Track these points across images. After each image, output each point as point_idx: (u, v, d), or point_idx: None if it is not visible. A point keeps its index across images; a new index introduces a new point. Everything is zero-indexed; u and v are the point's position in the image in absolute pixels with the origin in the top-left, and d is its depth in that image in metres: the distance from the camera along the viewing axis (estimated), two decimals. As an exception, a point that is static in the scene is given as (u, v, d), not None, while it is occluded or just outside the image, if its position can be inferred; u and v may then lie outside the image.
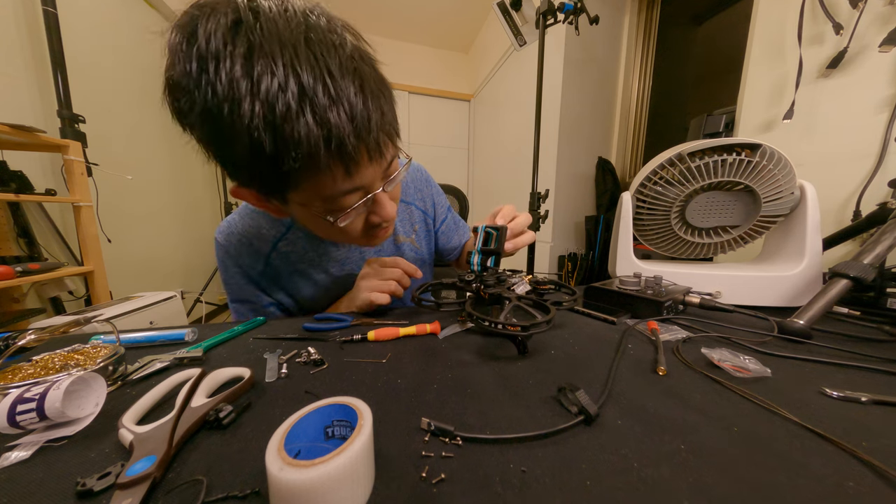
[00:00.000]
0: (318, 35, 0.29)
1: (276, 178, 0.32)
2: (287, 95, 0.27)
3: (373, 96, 0.32)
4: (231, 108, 0.27)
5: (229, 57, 0.26)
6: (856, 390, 0.30)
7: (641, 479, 0.20)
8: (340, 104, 0.29)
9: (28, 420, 0.24)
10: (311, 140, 0.29)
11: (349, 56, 0.30)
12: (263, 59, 0.26)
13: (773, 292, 0.58)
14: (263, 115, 0.27)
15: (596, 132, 2.18)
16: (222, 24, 0.27)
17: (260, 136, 0.28)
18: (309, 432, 0.21)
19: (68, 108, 1.39)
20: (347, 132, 0.30)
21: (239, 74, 0.26)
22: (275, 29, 0.27)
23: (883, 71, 0.82)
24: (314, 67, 0.28)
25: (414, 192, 0.70)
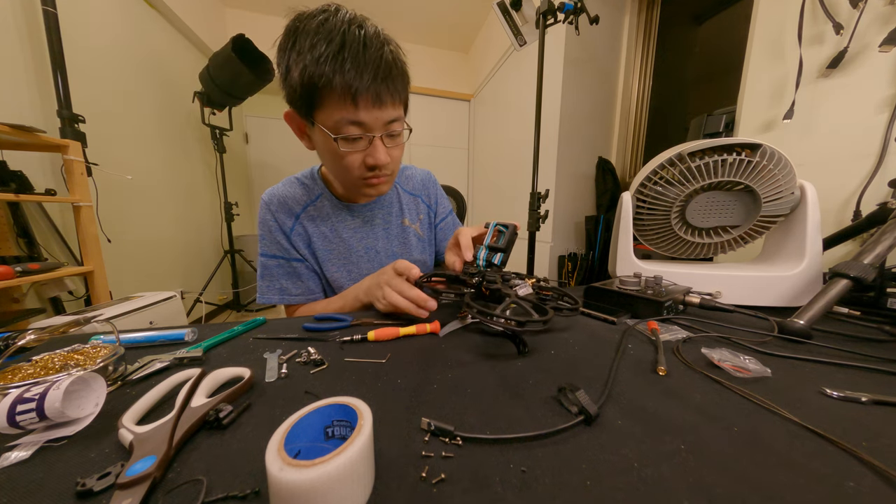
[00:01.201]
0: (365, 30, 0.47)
1: (310, 96, 0.48)
2: (329, 51, 0.45)
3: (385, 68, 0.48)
4: (301, 52, 0.46)
5: (308, 30, 0.46)
6: (856, 390, 0.30)
7: (641, 479, 0.20)
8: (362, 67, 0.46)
9: (28, 420, 0.24)
10: (333, 74, 0.45)
11: (380, 45, 0.48)
12: (323, 34, 0.45)
13: (773, 292, 0.58)
14: (314, 57, 0.45)
15: (596, 132, 2.18)
16: (314, 14, 0.47)
17: (308, 67, 0.46)
18: (309, 432, 0.21)
19: (68, 108, 1.39)
20: (356, 79, 0.46)
21: (310, 40, 0.46)
22: (338, 21, 0.46)
23: (883, 71, 0.82)
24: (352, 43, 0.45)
25: (422, 189, 0.82)
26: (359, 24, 0.47)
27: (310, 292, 0.68)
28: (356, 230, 0.70)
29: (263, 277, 0.66)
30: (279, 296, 0.65)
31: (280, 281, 0.66)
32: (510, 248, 0.49)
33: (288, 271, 0.66)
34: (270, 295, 0.65)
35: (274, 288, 0.65)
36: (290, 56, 0.47)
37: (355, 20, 0.47)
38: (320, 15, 0.47)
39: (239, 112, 3.12)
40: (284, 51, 0.48)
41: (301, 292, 0.67)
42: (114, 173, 1.65)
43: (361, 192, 0.61)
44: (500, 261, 0.50)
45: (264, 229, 0.65)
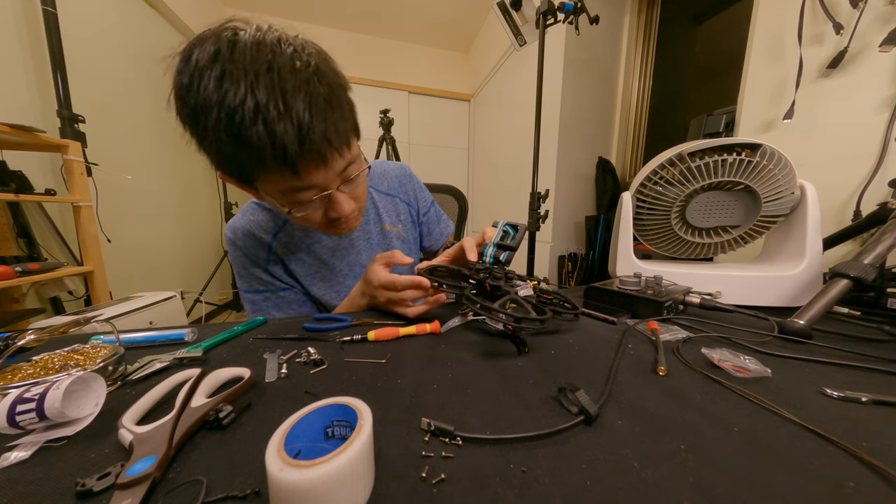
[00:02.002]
0: (280, 62, 0.36)
1: (240, 171, 0.41)
2: (243, 112, 0.34)
3: (321, 113, 0.38)
4: (206, 114, 0.35)
5: (207, 77, 0.34)
6: (856, 390, 0.30)
7: (641, 479, 0.20)
8: (288, 118, 0.36)
9: (28, 420, 0.24)
10: (260, 145, 0.36)
11: (305, 80, 0.37)
12: (229, 81, 0.34)
13: (773, 292, 0.58)
14: (226, 122, 0.35)
15: (596, 132, 2.18)
16: (207, 51, 0.35)
17: (222, 138, 0.36)
18: (309, 432, 0.21)
19: (68, 108, 1.39)
20: (291, 141, 0.36)
21: (211, 90, 0.34)
22: (242, 59, 0.35)
23: (883, 71, 0.82)
24: (270, 89, 0.35)
25: (398, 187, 0.77)
26: (270, 53, 0.36)
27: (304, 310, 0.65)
28: (335, 249, 0.65)
29: (254, 313, 0.62)
30: None
31: (271, 313, 0.62)
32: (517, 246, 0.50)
33: (277, 303, 0.62)
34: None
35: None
36: (191, 117, 0.37)
37: (263, 48, 0.36)
38: (217, 52, 0.34)
39: (239, 112, 3.11)
40: (181, 100, 0.37)
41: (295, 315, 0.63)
42: (114, 173, 1.65)
43: (329, 233, 0.58)
44: (505, 258, 0.50)
45: (239, 267, 0.61)
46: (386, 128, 2.49)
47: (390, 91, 3.40)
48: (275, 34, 0.38)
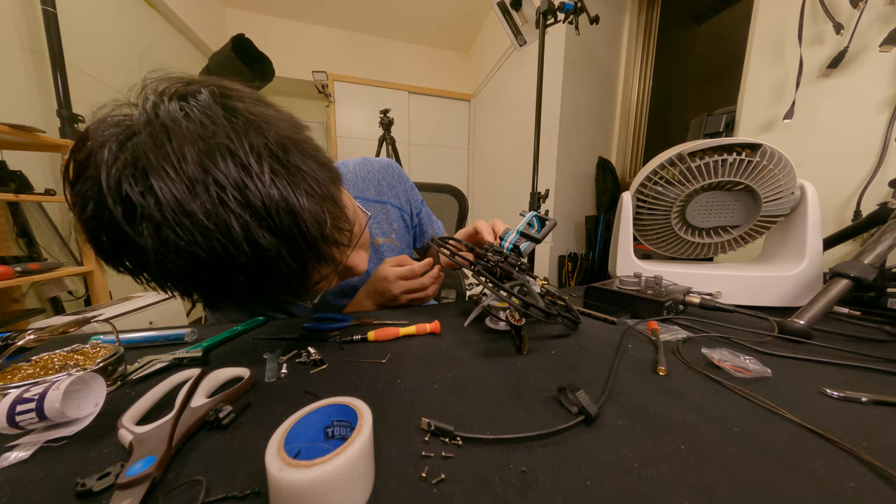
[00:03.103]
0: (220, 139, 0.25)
1: (241, 309, 0.35)
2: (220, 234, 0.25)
3: (309, 219, 0.28)
4: (163, 257, 0.25)
5: (146, 213, 0.24)
6: (856, 390, 0.30)
7: (641, 479, 0.20)
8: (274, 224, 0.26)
9: (27, 420, 0.24)
10: (251, 279, 0.28)
11: (274, 150, 0.27)
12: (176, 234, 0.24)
13: (773, 292, 0.58)
14: (190, 258, 0.25)
15: (596, 132, 2.19)
16: (113, 157, 0.24)
17: (194, 283, 0.29)
18: (309, 432, 0.21)
19: (68, 108, 1.39)
20: (291, 269, 0.28)
21: (152, 241, 0.24)
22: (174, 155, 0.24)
23: (883, 71, 0.82)
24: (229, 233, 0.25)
25: (387, 190, 0.68)
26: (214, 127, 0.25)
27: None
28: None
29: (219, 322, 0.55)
30: None
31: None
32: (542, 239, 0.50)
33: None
34: None
35: None
36: (139, 271, 0.28)
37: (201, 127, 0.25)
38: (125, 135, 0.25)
39: (239, 112, 3.11)
40: (115, 258, 0.28)
41: None
42: (114, 173, 1.65)
43: None
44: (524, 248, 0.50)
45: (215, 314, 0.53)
46: (386, 128, 2.49)
47: (390, 91, 3.40)
48: (177, 110, 0.26)
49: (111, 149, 0.24)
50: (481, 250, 0.51)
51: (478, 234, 0.55)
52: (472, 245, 0.54)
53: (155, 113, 0.25)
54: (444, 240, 0.54)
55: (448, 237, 0.56)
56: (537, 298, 0.40)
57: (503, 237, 0.52)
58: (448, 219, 1.20)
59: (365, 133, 3.22)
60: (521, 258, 0.50)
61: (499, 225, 0.55)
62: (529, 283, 0.45)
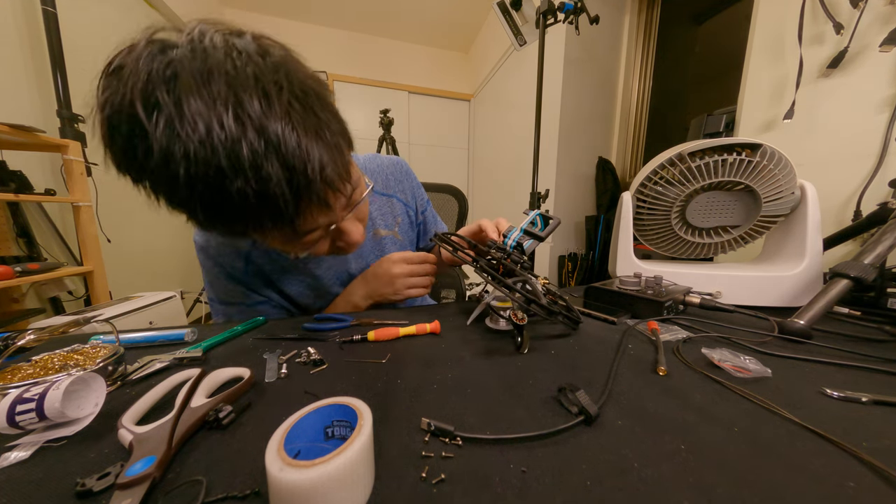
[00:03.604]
0: (242, 78, 0.27)
1: (225, 231, 0.34)
2: (215, 157, 0.26)
3: (314, 149, 0.30)
4: (162, 169, 0.26)
5: (152, 115, 0.25)
6: (856, 390, 0.30)
7: (641, 479, 0.20)
8: (276, 168, 0.28)
9: (27, 420, 0.24)
10: (244, 206, 0.29)
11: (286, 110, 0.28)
12: (184, 116, 0.25)
13: (773, 292, 0.58)
14: (189, 176, 0.26)
15: (596, 132, 2.18)
16: (138, 78, 0.26)
17: (192, 198, 0.28)
18: (309, 432, 0.21)
19: (68, 108, 1.39)
20: (285, 198, 0.29)
21: (163, 136, 0.25)
22: (194, 77, 0.26)
23: (883, 71, 0.82)
24: (239, 119, 0.26)
25: (395, 184, 0.69)
26: (234, 66, 0.27)
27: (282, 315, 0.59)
28: (321, 259, 0.58)
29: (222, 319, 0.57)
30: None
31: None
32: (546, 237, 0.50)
33: (250, 315, 0.53)
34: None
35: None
36: (135, 162, 0.28)
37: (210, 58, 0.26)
38: (154, 63, 0.26)
39: (239, 112, 3.11)
40: (118, 149, 0.28)
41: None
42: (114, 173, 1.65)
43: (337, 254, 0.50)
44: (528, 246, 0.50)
45: (210, 276, 0.54)
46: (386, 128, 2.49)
47: (390, 91, 3.41)
48: (221, 41, 0.27)
49: (152, 52, 0.26)
50: (484, 247, 0.51)
51: (481, 232, 0.56)
52: (475, 242, 0.55)
53: (200, 38, 0.27)
54: (446, 236, 0.54)
55: (451, 233, 0.56)
56: (539, 294, 0.40)
57: (506, 235, 0.52)
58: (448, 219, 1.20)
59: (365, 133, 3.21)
60: (524, 256, 0.50)
61: (503, 223, 0.55)
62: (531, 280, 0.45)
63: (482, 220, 0.56)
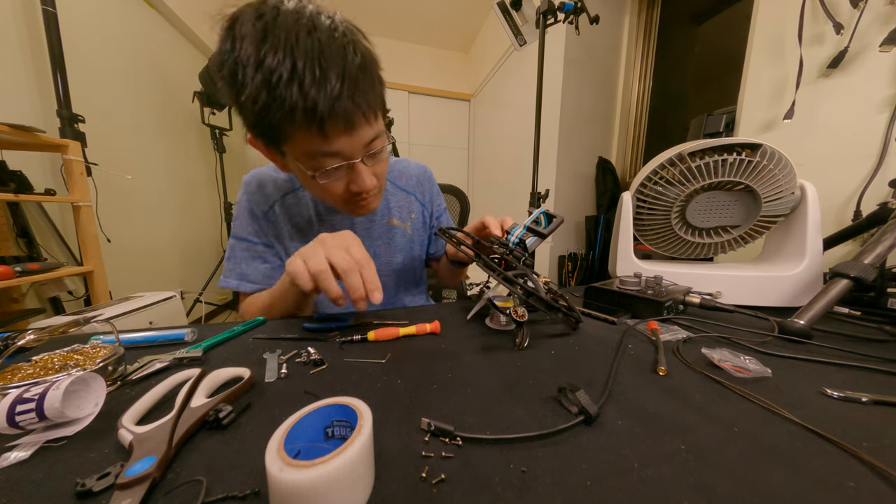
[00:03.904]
0: (319, 31, 0.38)
1: (271, 129, 0.42)
2: (281, 70, 0.37)
3: (352, 80, 0.40)
4: (244, 72, 0.38)
5: (248, 38, 0.37)
6: (856, 390, 0.30)
7: (641, 479, 0.20)
8: (322, 83, 0.38)
9: (27, 420, 0.24)
10: (292, 104, 0.38)
11: (341, 47, 0.39)
12: (270, 44, 0.37)
13: (773, 292, 0.58)
14: (262, 80, 0.37)
15: (596, 132, 2.19)
16: (249, 15, 0.38)
17: (259, 95, 0.38)
18: (309, 432, 0.21)
19: (68, 108, 1.39)
20: (322, 102, 0.38)
21: (251, 51, 0.37)
22: (284, 24, 0.37)
23: (883, 71, 0.82)
24: (307, 53, 0.37)
25: (416, 185, 0.76)
26: (310, 22, 0.38)
27: (268, 279, 0.61)
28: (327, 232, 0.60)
29: (229, 259, 0.62)
30: (237, 281, 0.60)
31: (241, 266, 0.61)
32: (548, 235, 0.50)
33: (252, 255, 0.61)
34: (230, 279, 0.61)
35: (234, 272, 0.61)
36: (232, 71, 0.39)
37: (302, 18, 0.38)
38: (260, 16, 0.38)
39: (239, 112, 3.11)
40: (222, 63, 0.39)
41: (258, 280, 0.61)
42: (113, 173, 1.65)
43: (348, 212, 0.57)
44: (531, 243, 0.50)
45: (239, 209, 0.63)
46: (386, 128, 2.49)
47: (390, 91, 3.36)
48: (314, 6, 0.41)
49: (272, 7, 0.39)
50: (487, 243, 0.52)
51: (485, 229, 0.57)
52: (479, 238, 0.56)
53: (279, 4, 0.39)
54: (450, 230, 0.55)
55: (455, 228, 0.56)
56: (540, 289, 0.40)
57: (510, 231, 0.52)
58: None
59: (365, 133, 3.21)
60: (527, 253, 0.50)
61: (507, 220, 0.57)
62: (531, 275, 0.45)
63: (486, 217, 0.57)
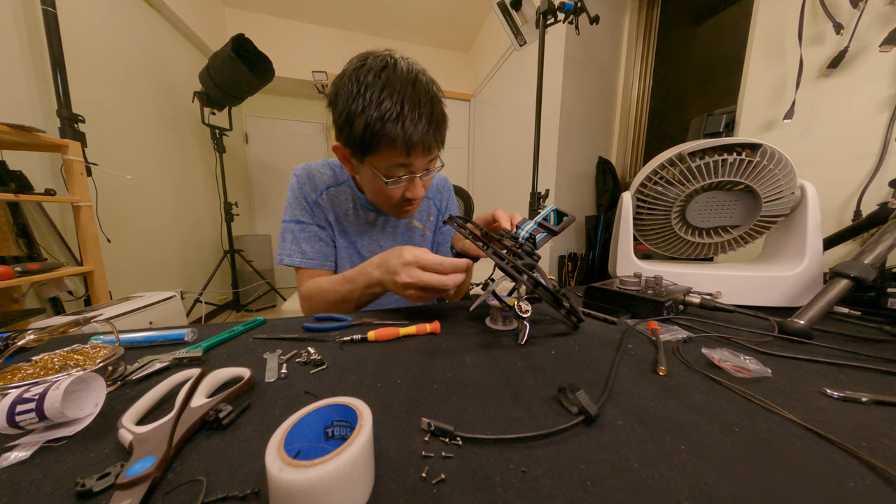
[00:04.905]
0: (418, 84, 0.53)
1: (369, 145, 0.53)
2: (393, 111, 0.50)
3: (435, 123, 0.55)
4: (366, 107, 0.50)
5: (374, 86, 0.50)
6: (856, 390, 0.30)
7: (642, 479, 0.20)
8: (418, 122, 0.52)
9: (27, 420, 0.24)
10: (394, 136, 0.51)
11: (431, 98, 0.54)
12: (388, 91, 0.50)
13: (773, 292, 0.58)
14: (378, 116, 0.50)
15: (596, 132, 2.18)
16: (375, 66, 0.51)
17: (373, 127, 0.50)
18: (309, 433, 0.21)
19: (68, 108, 1.39)
20: (414, 136, 0.52)
21: (376, 96, 0.50)
22: (399, 77, 0.51)
23: (883, 71, 0.82)
24: (411, 100, 0.51)
25: (436, 193, 0.87)
26: (415, 78, 0.53)
27: (326, 258, 0.71)
28: (359, 224, 0.74)
29: (286, 241, 0.70)
30: (300, 258, 0.69)
31: (301, 245, 0.69)
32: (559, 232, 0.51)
33: (309, 235, 0.70)
34: (294, 257, 0.68)
35: (297, 251, 0.69)
36: (354, 105, 0.51)
37: (411, 74, 0.53)
38: (384, 69, 0.51)
39: (239, 112, 3.12)
40: (349, 97, 0.51)
41: (317, 257, 0.70)
42: (113, 173, 1.65)
43: (395, 215, 0.69)
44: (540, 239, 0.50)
45: (291, 196, 0.71)
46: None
47: (390, 91, 3.40)
48: (413, 64, 0.55)
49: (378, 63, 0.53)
50: (496, 236, 0.54)
51: (495, 222, 0.60)
52: (488, 231, 0.59)
53: (404, 59, 0.55)
54: (461, 219, 0.56)
55: (465, 219, 0.57)
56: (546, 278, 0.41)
57: (519, 227, 0.52)
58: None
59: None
60: (536, 249, 0.50)
61: (516, 216, 0.59)
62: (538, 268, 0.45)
63: (497, 210, 0.61)
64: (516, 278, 0.42)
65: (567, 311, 0.46)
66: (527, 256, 0.48)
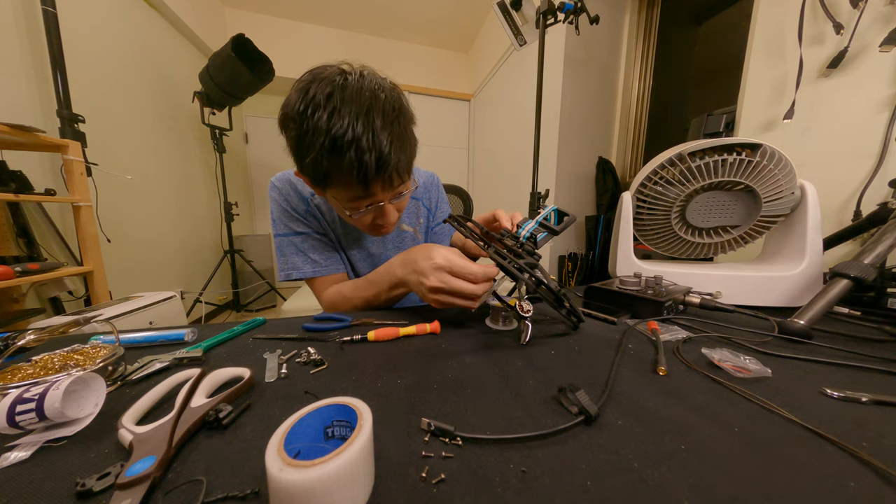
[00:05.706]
0: (375, 107, 0.45)
1: (323, 178, 0.48)
2: (344, 139, 0.43)
3: (397, 149, 0.47)
4: (314, 136, 0.44)
5: (321, 109, 0.43)
6: (856, 390, 0.30)
7: (642, 479, 0.20)
8: (374, 151, 0.44)
9: (27, 420, 0.24)
10: (348, 166, 0.44)
11: (391, 121, 0.46)
12: (338, 115, 0.43)
13: (773, 292, 0.58)
14: (328, 145, 0.44)
15: (596, 132, 2.18)
16: (323, 90, 0.44)
17: (322, 155, 0.44)
18: (309, 433, 0.21)
19: (68, 108, 1.39)
20: (372, 168, 0.45)
21: (324, 121, 0.43)
22: (350, 99, 0.44)
23: (883, 71, 0.82)
24: (365, 127, 0.44)
25: (424, 193, 0.81)
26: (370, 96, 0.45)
27: (337, 262, 0.67)
28: (346, 231, 0.69)
29: (289, 255, 0.64)
30: (312, 269, 0.64)
31: (309, 254, 0.65)
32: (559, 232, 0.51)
33: (315, 243, 0.66)
34: (304, 269, 0.64)
35: (307, 263, 0.64)
36: (302, 131, 0.45)
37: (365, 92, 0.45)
38: (333, 88, 0.44)
39: (239, 112, 3.11)
40: (295, 122, 0.45)
41: (329, 264, 0.66)
42: (113, 173, 1.65)
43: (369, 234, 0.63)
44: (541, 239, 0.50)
45: (278, 210, 0.65)
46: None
47: (390, 91, 3.40)
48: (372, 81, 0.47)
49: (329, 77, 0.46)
50: (497, 235, 0.53)
51: (496, 221, 0.59)
52: (489, 230, 0.57)
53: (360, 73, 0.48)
54: (462, 219, 0.55)
55: (465, 217, 0.56)
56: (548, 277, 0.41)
57: (520, 226, 0.52)
58: (449, 219, 1.20)
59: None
60: (536, 249, 0.50)
61: (517, 215, 0.58)
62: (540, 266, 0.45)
63: (498, 210, 0.60)
64: (519, 277, 0.42)
65: (567, 311, 0.46)
66: (528, 256, 0.48)
